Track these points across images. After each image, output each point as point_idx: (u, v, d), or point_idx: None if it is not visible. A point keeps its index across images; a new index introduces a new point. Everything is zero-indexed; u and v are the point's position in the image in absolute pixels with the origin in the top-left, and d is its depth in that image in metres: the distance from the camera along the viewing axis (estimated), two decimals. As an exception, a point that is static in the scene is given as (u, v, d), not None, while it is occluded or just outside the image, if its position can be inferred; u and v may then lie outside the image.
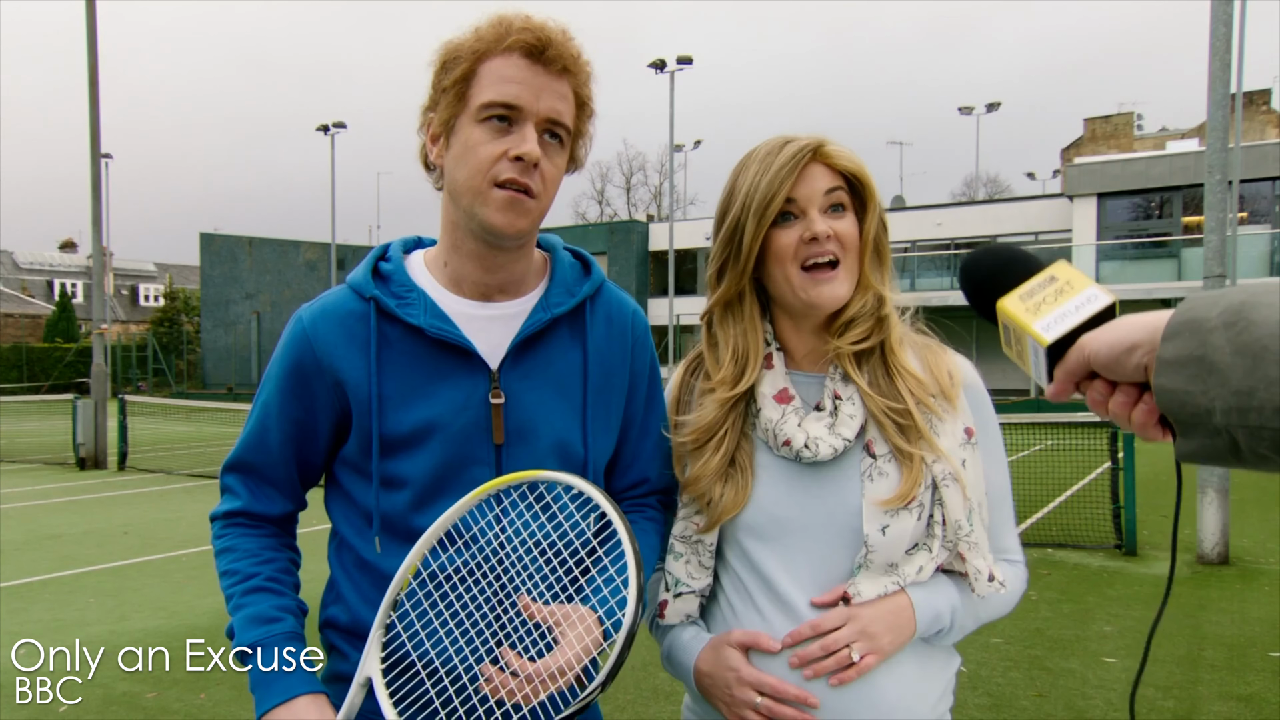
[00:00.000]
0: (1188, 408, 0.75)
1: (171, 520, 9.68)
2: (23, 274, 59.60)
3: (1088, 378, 0.88)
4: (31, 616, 6.03)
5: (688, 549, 1.43)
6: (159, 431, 20.74)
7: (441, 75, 1.32)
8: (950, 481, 1.35)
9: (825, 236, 1.36)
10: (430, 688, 1.29)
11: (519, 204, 1.30)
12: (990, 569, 1.38)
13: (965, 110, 50.22)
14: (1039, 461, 10.65)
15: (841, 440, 1.36)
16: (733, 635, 1.38)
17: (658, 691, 4.52)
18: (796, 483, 1.39)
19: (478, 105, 1.29)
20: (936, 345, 1.46)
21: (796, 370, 1.45)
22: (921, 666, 1.39)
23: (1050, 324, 0.90)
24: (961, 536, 1.36)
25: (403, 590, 1.30)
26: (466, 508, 1.30)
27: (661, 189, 59.74)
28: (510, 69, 1.28)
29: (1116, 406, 0.86)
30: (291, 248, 41.89)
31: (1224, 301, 0.75)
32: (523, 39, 1.28)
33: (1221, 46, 7.12)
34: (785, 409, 1.40)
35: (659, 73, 30.12)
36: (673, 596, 1.44)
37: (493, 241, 1.35)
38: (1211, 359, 0.73)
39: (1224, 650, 5.09)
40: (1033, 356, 0.93)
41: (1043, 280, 0.94)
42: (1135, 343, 0.82)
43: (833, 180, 1.38)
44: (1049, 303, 0.91)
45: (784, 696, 1.32)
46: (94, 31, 14.80)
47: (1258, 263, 25.43)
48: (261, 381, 1.44)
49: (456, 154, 1.32)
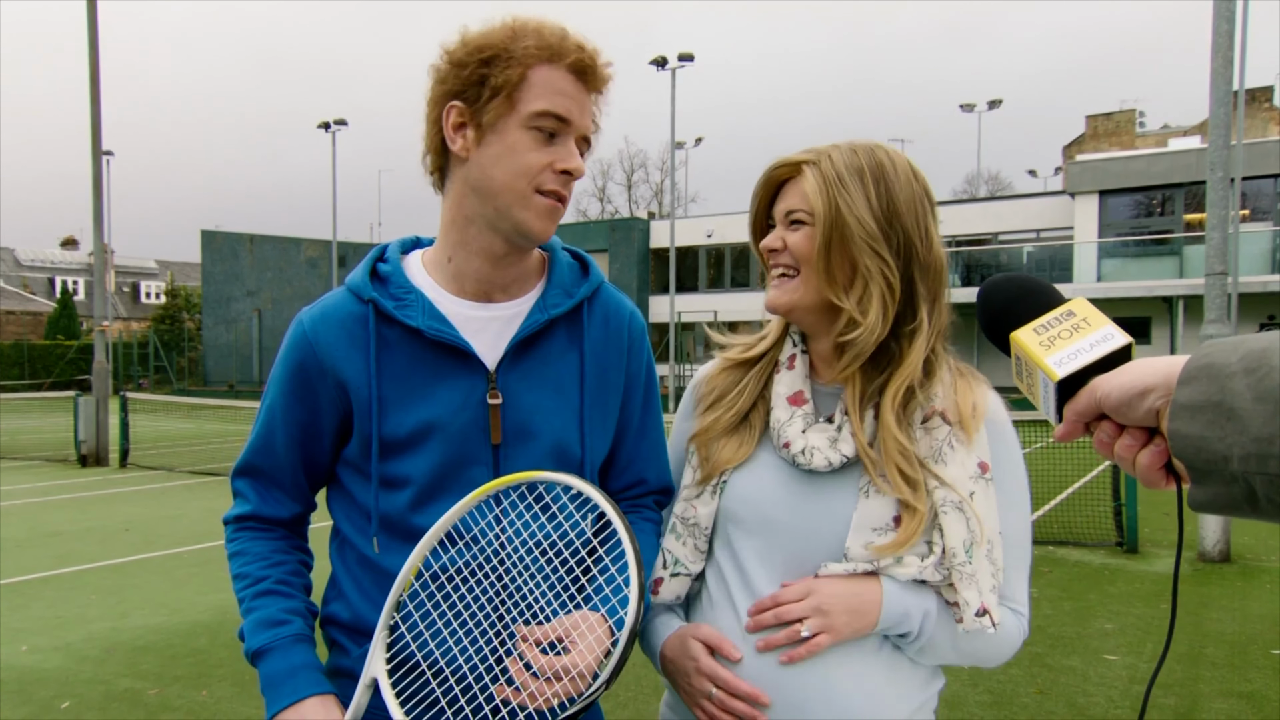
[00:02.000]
0: (1203, 454, 0.73)
1: (173, 517, 9.70)
2: (24, 271, 59.65)
3: (1097, 418, 0.86)
4: (33, 613, 6.03)
5: (686, 530, 1.45)
6: (160, 429, 20.77)
7: (484, 70, 1.31)
8: (951, 509, 1.32)
9: (768, 250, 1.42)
10: (435, 686, 1.29)
11: (556, 212, 1.36)
12: (983, 604, 1.31)
13: (967, 108, 50.18)
14: (1040, 459, 10.66)
15: (840, 455, 1.35)
16: (701, 629, 1.40)
17: (657, 689, 4.52)
18: (793, 486, 1.39)
19: (530, 112, 1.31)
20: (972, 377, 1.43)
21: (818, 381, 1.45)
22: (892, 677, 1.36)
23: (1063, 360, 0.88)
24: (955, 565, 1.31)
25: (405, 591, 1.31)
26: (466, 508, 1.31)
27: (663, 186, 59.82)
28: (562, 82, 1.32)
29: (1123, 450, 0.84)
30: (293, 245, 41.86)
31: (1244, 347, 0.74)
32: (579, 57, 1.32)
33: (1224, 44, 7.11)
34: (795, 411, 1.40)
35: (660, 70, 30.08)
36: (669, 576, 1.46)
37: (519, 243, 1.37)
38: (1230, 404, 0.72)
39: (1225, 647, 5.09)
40: (1043, 391, 0.91)
41: (1060, 315, 0.93)
42: (1149, 386, 0.80)
43: (796, 198, 1.39)
44: (1064, 338, 0.90)
45: (736, 692, 1.34)
46: (95, 29, 14.79)
47: (1259, 260, 25.40)
48: (267, 385, 1.45)
49: (497, 153, 1.32)
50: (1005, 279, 1.01)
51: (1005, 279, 1.01)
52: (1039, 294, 0.96)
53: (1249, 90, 27.90)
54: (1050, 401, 0.90)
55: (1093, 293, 25.48)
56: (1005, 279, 1.01)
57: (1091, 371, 0.87)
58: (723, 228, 36.18)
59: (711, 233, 36.60)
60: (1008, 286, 0.99)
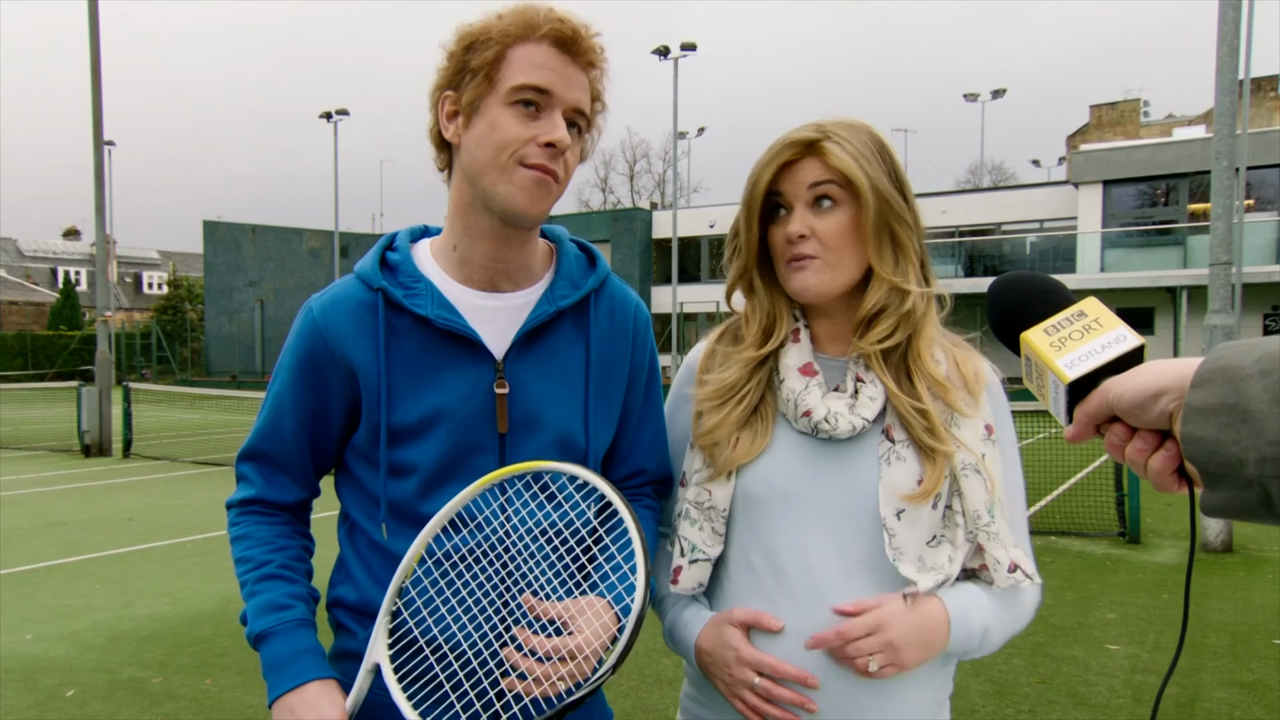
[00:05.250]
0: (1217, 457, 0.72)
1: (176, 507, 9.74)
2: (27, 262, 59.71)
3: (1108, 421, 0.85)
4: (37, 602, 6.06)
5: (701, 515, 1.43)
6: (163, 419, 20.82)
7: (466, 56, 1.33)
8: (970, 472, 1.34)
9: (796, 236, 1.37)
10: (439, 670, 1.31)
11: (545, 185, 1.32)
12: (1012, 560, 1.36)
13: (970, 97, 50.03)
14: (1043, 449, 10.66)
15: (861, 419, 1.35)
16: (735, 614, 1.37)
17: (660, 678, 4.54)
18: (811, 459, 1.38)
19: (509, 88, 1.30)
20: (968, 347, 1.46)
21: (821, 354, 1.45)
22: None
23: (1074, 362, 0.87)
24: (980, 527, 1.35)
25: (408, 578, 1.32)
26: (470, 497, 1.32)
27: (665, 176, 59.66)
28: (541, 56, 1.31)
29: (1134, 453, 0.83)
30: (295, 235, 41.83)
31: (1260, 349, 0.73)
32: (556, 29, 1.30)
33: (1230, 32, 7.07)
34: (809, 381, 1.40)
35: (663, 59, 29.98)
36: (688, 563, 1.43)
37: (510, 221, 1.36)
38: (1246, 407, 0.71)
39: (1227, 637, 5.10)
40: (1053, 393, 0.90)
41: (1071, 315, 0.91)
42: (1163, 389, 0.79)
43: (822, 174, 1.36)
44: (1075, 339, 0.89)
45: (783, 676, 1.32)
46: (96, 19, 14.76)
47: (1264, 250, 25.34)
48: (275, 371, 1.46)
49: (480, 134, 1.32)
50: (1016, 278, 0.99)
51: (1016, 278, 0.99)
52: (1050, 294, 0.95)
53: (1254, 79, 27.74)
54: (1061, 403, 0.89)
55: (1096, 283, 25.43)
56: (1016, 278, 0.99)
57: (1103, 373, 0.85)
58: (725, 218, 35.82)
59: (714, 223, 36.55)
60: (1019, 286, 0.98)
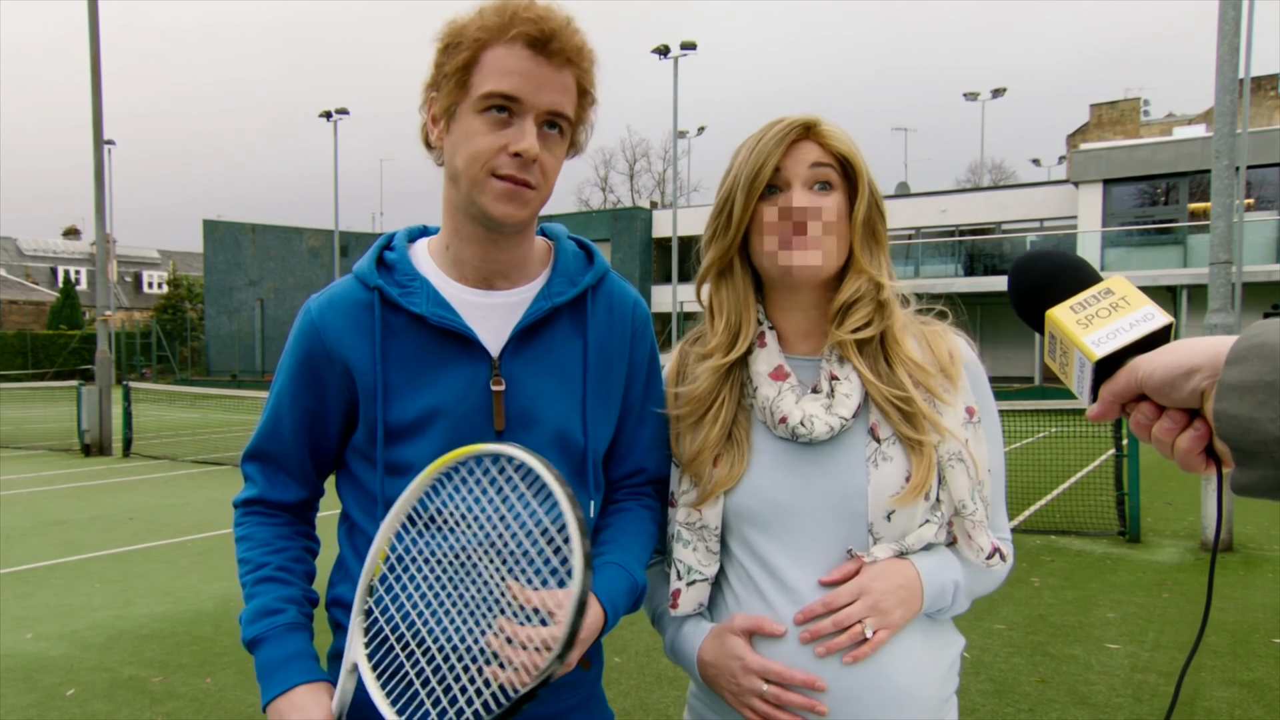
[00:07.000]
0: (1252, 434, 0.71)
1: (176, 506, 9.73)
2: (27, 261, 59.70)
3: (1134, 400, 0.84)
4: (38, 601, 6.06)
5: (694, 535, 1.42)
6: (163, 418, 20.81)
7: (444, 58, 1.32)
8: (955, 462, 1.35)
9: (802, 210, 1.35)
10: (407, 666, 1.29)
11: (518, 195, 1.31)
12: (993, 544, 1.39)
13: (970, 96, 50.00)
14: (1043, 448, 10.66)
15: (838, 419, 1.35)
16: (735, 621, 1.37)
17: (660, 677, 4.53)
18: (794, 465, 1.38)
19: (478, 95, 1.28)
20: (939, 327, 1.46)
21: (791, 354, 1.44)
22: (927, 645, 1.38)
23: (1101, 339, 0.86)
24: (966, 515, 1.36)
25: (375, 576, 1.32)
26: (423, 487, 1.29)
27: (665, 175, 59.64)
28: (512, 60, 1.27)
29: (1162, 432, 0.82)
30: (294, 234, 41.81)
31: None
32: (526, 30, 1.26)
33: (1230, 31, 7.07)
34: (782, 386, 1.39)
35: (663, 58, 29.95)
36: (685, 585, 1.42)
37: (492, 228, 1.36)
38: None
39: (1227, 636, 5.10)
40: (1077, 371, 0.89)
41: (1097, 293, 0.90)
42: (1195, 366, 0.78)
43: (821, 157, 1.38)
44: (1102, 317, 0.87)
45: (790, 681, 1.31)
46: (95, 19, 14.76)
47: (1264, 249, 25.31)
48: (276, 371, 1.46)
49: (456, 140, 1.32)
50: (1040, 254, 0.96)
51: (1040, 254, 0.96)
52: (1075, 270, 0.93)
53: (1254, 78, 27.73)
54: (1085, 381, 0.88)
55: (1096, 282, 25.32)
56: (1040, 254, 0.96)
57: (1130, 352, 0.84)
58: (725, 217, 36.01)
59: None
60: (1043, 262, 0.95)
